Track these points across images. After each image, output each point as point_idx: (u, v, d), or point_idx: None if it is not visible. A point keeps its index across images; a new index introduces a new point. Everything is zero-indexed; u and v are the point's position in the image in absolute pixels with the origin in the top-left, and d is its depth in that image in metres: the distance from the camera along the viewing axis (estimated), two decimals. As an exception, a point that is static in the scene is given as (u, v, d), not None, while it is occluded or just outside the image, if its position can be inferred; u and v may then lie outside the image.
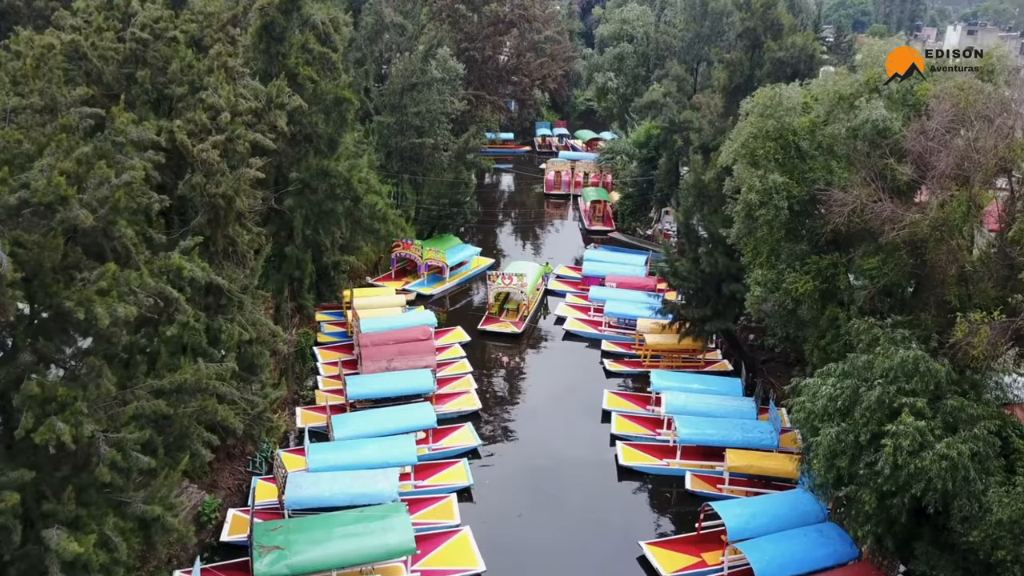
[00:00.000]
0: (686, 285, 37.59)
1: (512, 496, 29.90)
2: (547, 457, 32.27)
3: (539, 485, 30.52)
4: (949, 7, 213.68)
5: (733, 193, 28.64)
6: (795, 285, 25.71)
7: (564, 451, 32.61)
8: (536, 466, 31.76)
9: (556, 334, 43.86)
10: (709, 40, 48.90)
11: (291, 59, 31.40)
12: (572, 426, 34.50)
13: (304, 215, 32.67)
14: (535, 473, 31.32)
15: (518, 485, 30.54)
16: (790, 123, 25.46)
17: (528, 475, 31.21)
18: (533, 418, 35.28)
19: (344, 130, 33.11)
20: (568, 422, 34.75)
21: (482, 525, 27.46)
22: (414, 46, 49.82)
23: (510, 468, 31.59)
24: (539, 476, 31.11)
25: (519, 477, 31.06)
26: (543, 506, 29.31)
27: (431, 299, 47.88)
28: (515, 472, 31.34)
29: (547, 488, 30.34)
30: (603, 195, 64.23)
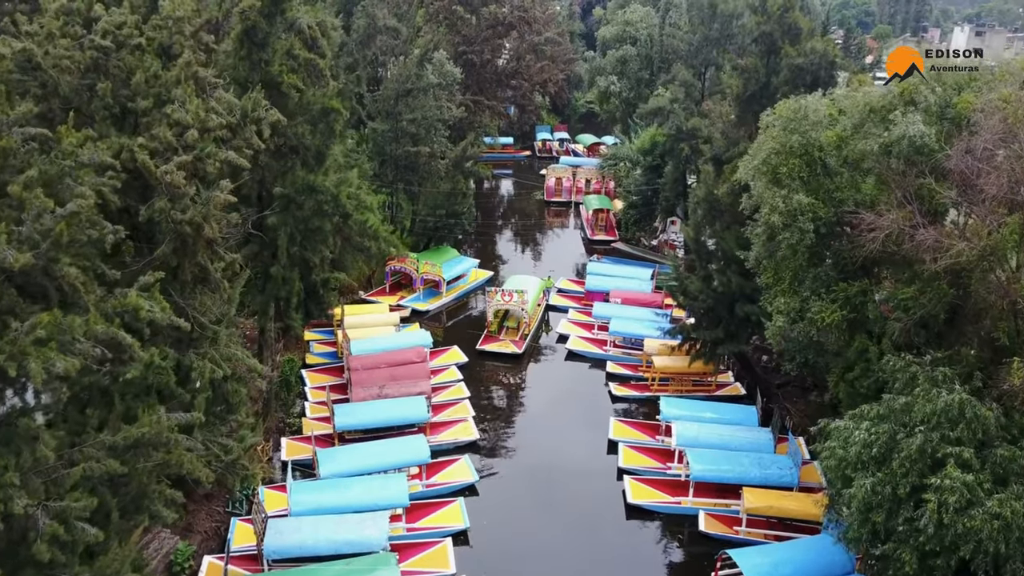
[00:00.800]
0: (696, 305, 35.40)
1: (511, 540, 27.75)
2: (550, 494, 30.09)
3: (541, 526, 28.34)
4: (952, 7, 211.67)
5: (752, 212, 26.47)
6: (821, 315, 23.51)
7: (568, 487, 30.42)
8: (538, 504, 29.59)
9: (558, 354, 41.66)
10: (718, 43, 46.69)
11: (275, 66, 29.14)
12: (576, 458, 32.30)
13: (289, 233, 30.41)
14: (536, 513, 29.15)
15: (518, 527, 28.37)
16: (816, 138, 23.26)
17: (529, 515, 29.05)
18: (534, 449, 33.09)
19: (332, 142, 30.87)
20: (572, 454, 32.55)
21: (480, 573, 25.30)
22: (409, 50, 47.61)
23: (509, 507, 29.42)
24: (541, 516, 28.94)
25: (519, 518, 28.90)
26: (545, 550, 27.11)
27: (427, 315, 45.70)
28: (515, 512, 29.19)
29: (550, 530, 28.15)
30: (606, 203, 62.06)
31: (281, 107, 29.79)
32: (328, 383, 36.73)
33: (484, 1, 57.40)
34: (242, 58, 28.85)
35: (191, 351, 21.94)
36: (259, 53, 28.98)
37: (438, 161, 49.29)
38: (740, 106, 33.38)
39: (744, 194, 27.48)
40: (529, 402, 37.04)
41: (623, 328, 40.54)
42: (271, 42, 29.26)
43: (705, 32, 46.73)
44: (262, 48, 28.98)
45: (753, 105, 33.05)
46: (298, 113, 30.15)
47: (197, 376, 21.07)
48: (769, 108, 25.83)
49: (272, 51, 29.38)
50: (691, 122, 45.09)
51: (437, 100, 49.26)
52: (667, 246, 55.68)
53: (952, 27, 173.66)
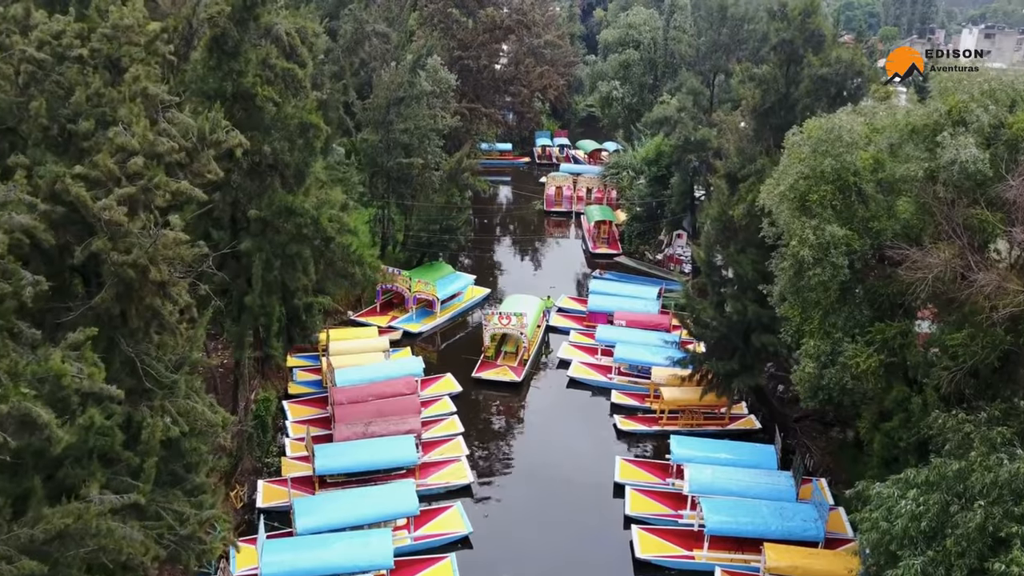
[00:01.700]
0: (708, 334, 32.77)
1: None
2: (550, 546, 27.43)
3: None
4: (955, 8, 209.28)
5: (775, 241, 23.86)
6: (855, 359, 20.88)
7: (570, 538, 27.79)
8: (536, 556, 26.92)
9: (559, 381, 38.96)
10: (728, 49, 44.13)
11: (248, 77, 26.52)
12: (580, 505, 29.66)
13: (265, 259, 27.78)
14: (535, 567, 26.49)
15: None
16: (851, 162, 20.61)
17: (528, 572, 26.38)
18: (534, 494, 30.43)
19: (312, 159, 28.24)
20: (575, 500, 29.88)
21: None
22: (401, 56, 44.97)
23: (505, 562, 26.78)
24: (541, 573, 26.29)
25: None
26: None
27: (420, 337, 43.06)
28: (511, 569, 26.52)
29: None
30: (608, 214, 59.37)
31: (255, 122, 27.32)
32: (311, 415, 34.14)
33: (481, 4, 54.72)
34: (211, 69, 26.23)
35: (144, 404, 19.36)
36: (230, 63, 26.36)
37: (432, 172, 46.67)
38: (757, 119, 30.72)
39: (765, 219, 24.84)
40: (528, 438, 34.35)
41: (628, 355, 37.87)
42: (243, 51, 26.64)
43: (714, 37, 44.14)
44: (233, 58, 26.36)
45: (771, 118, 30.44)
46: (274, 128, 27.56)
47: (148, 437, 18.42)
48: (795, 126, 23.19)
49: (245, 61, 26.75)
50: (700, 132, 42.54)
51: (431, 108, 46.68)
52: (673, 261, 53.00)
53: (958, 28, 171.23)
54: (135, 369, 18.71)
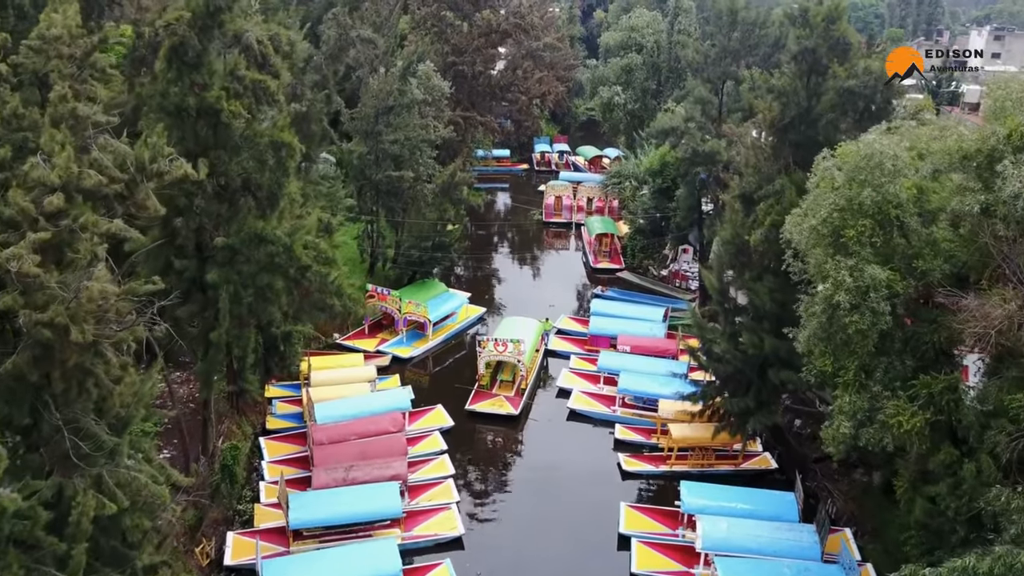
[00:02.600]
0: (721, 368, 30.11)
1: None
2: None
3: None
4: (958, 8, 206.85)
5: (799, 277, 21.20)
6: (897, 418, 18.23)
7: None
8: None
9: (559, 412, 36.23)
10: (738, 55, 41.42)
11: (213, 91, 23.86)
12: (582, 560, 26.99)
13: (233, 291, 25.09)
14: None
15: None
16: (895, 193, 17.93)
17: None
18: (532, 547, 27.71)
19: (285, 180, 25.56)
20: (577, 555, 27.20)
21: None
22: (390, 62, 42.30)
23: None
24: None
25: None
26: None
27: (411, 362, 40.37)
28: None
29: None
30: (610, 227, 56.66)
31: (222, 140, 24.68)
32: (290, 453, 31.47)
33: (477, 6, 51.99)
34: (170, 81, 23.55)
35: (77, 475, 16.73)
36: (192, 75, 23.69)
37: (424, 185, 43.98)
38: (775, 134, 28.04)
39: (788, 249, 22.18)
40: (526, 481, 31.58)
41: (633, 386, 35.17)
42: (208, 62, 23.97)
43: (723, 42, 41.39)
44: (196, 69, 23.72)
45: (791, 134, 27.74)
46: (243, 147, 24.89)
47: (77, 517, 15.78)
48: (826, 150, 20.52)
49: (209, 72, 24.10)
50: (709, 144, 39.82)
51: (424, 117, 44.01)
52: (678, 277, 50.34)
53: (963, 29, 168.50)
54: (62, 438, 16.06)
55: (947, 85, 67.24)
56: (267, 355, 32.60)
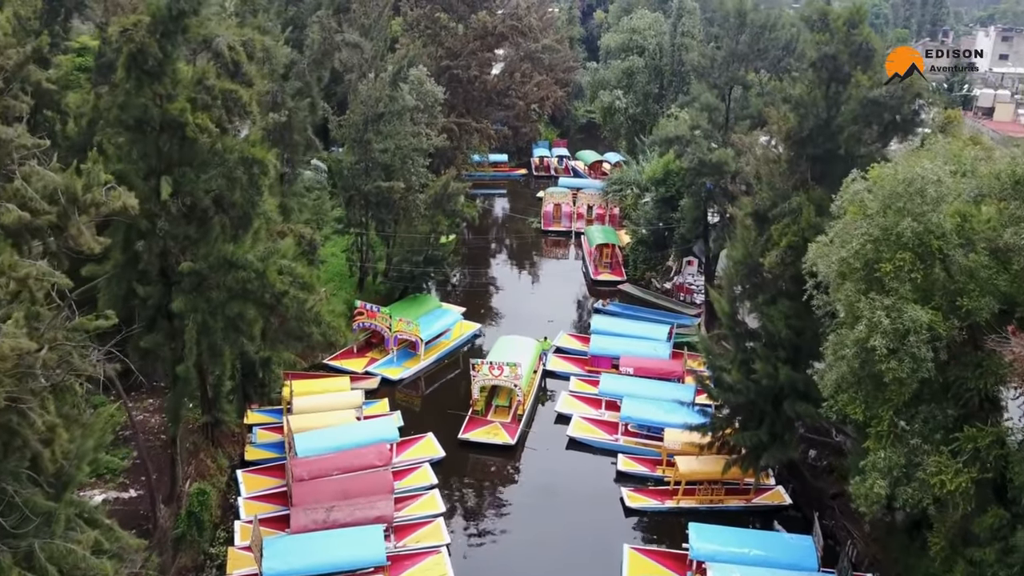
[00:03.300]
0: (732, 398, 27.98)
1: None
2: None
3: None
4: (961, 9, 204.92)
5: (825, 315, 19.08)
6: (940, 477, 16.10)
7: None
8: None
9: (557, 440, 34.04)
10: (746, 59, 39.27)
11: (177, 102, 21.74)
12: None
13: (201, 322, 22.97)
14: None
15: None
16: (938, 223, 15.80)
17: None
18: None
19: (258, 199, 23.41)
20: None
21: None
22: (380, 66, 40.15)
23: None
24: None
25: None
26: None
27: (401, 384, 38.23)
28: None
29: None
30: (611, 237, 54.48)
31: (188, 156, 22.56)
32: (270, 487, 29.35)
33: (472, 8, 49.80)
34: (129, 92, 21.42)
35: (3, 550, 14.60)
36: (154, 86, 21.55)
37: (416, 196, 41.81)
38: (792, 147, 25.90)
39: (810, 278, 20.07)
40: (522, 519, 29.41)
41: (637, 413, 33.03)
42: (171, 70, 21.84)
43: (731, 45, 39.24)
44: (157, 78, 21.56)
45: (808, 147, 25.61)
46: (212, 163, 22.76)
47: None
48: (856, 171, 18.38)
49: (173, 82, 21.98)
50: (716, 154, 37.66)
51: (416, 124, 41.86)
52: (682, 290, 48.19)
53: (967, 30, 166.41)
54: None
55: (959, 89, 65.16)
56: (245, 381, 30.58)
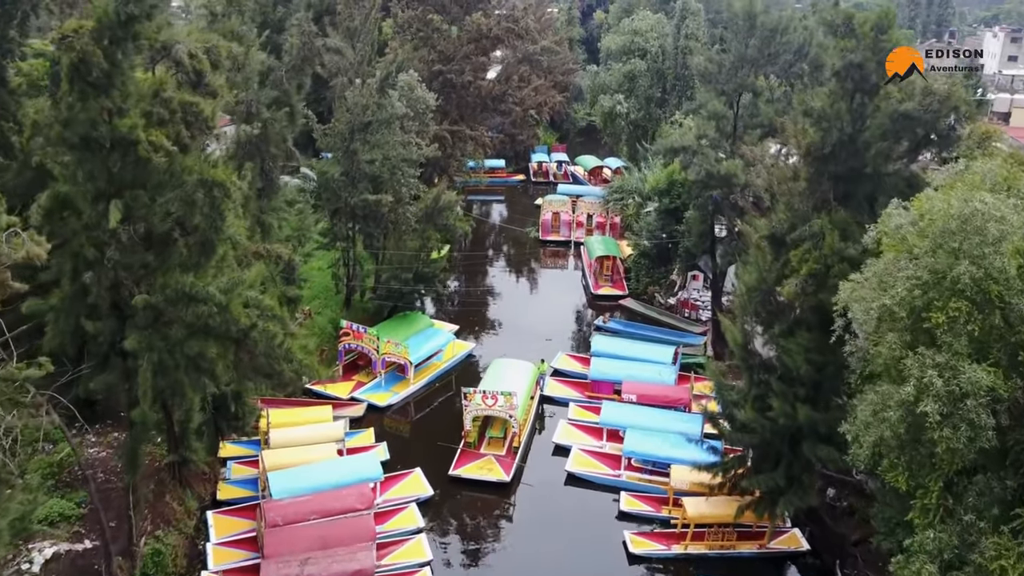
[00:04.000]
0: (746, 438, 25.63)
1: None
2: None
3: None
4: (965, 9, 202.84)
5: (855, 366, 16.76)
6: (999, 563, 13.76)
7: None
8: None
9: (555, 475, 31.62)
10: (756, 64, 36.92)
11: (128, 118, 19.39)
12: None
13: (157, 361, 20.60)
14: None
15: None
16: (1002, 267, 13.45)
17: None
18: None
19: (222, 224, 21.04)
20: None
21: None
22: (367, 71, 37.81)
23: None
24: None
25: None
26: None
27: (389, 410, 35.89)
28: None
29: None
30: (612, 248, 52.12)
31: (141, 178, 20.22)
32: (243, 530, 26.98)
33: (467, 10, 47.38)
34: (72, 107, 19.06)
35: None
36: (101, 99, 19.18)
37: (406, 208, 39.44)
38: (812, 165, 23.54)
39: (839, 317, 17.75)
40: (516, 567, 27.07)
41: (641, 447, 30.67)
42: (120, 82, 19.49)
43: (740, 50, 36.88)
44: (104, 92, 19.20)
45: (831, 164, 23.25)
46: (168, 186, 20.41)
47: None
48: (896, 201, 16.05)
49: (123, 95, 19.62)
50: (724, 165, 35.30)
51: (406, 133, 39.49)
52: (687, 306, 45.84)
53: (971, 30, 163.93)
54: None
55: (972, 93, 62.70)
56: (217, 415, 28.31)
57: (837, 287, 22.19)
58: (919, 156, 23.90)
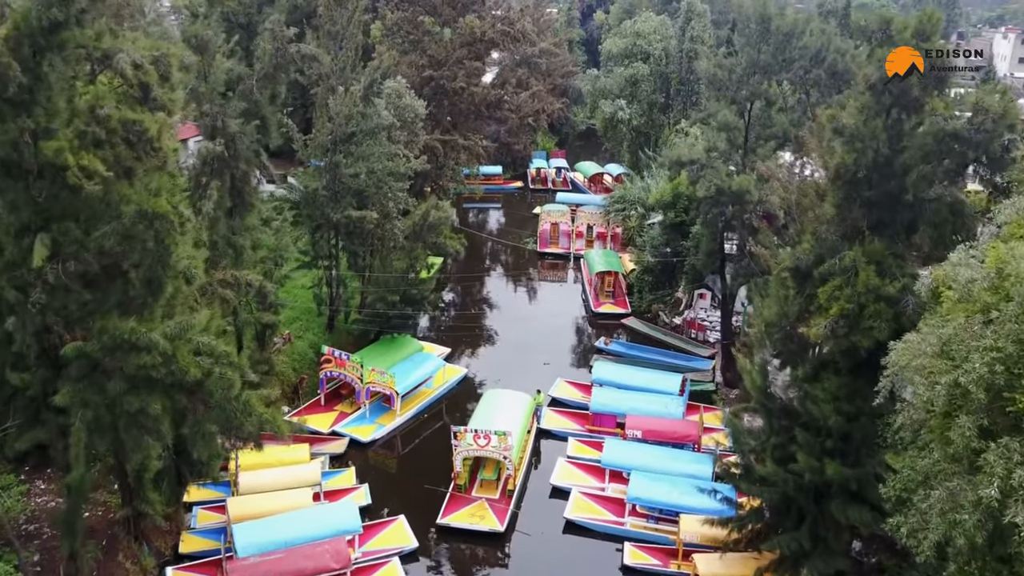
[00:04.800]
0: (766, 493, 22.90)
1: None
2: None
3: None
4: (968, 9, 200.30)
5: (914, 430, 14.06)
6: None
7: None
8: None
9: (553, 521, 28.87)
10: (770, 71, 34.21)
11: (55, 140, 16.69)
12: None
13: (92, 419, 17.89)
14: None
15: None
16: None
17: None
18: None
19: (169, 259, 18.33)
20: None
21: None
22: (350, 78, 35.09)
23: None
24: None
25: None
26: None
27: (374, 445, 33.19)
28: None
29: None
30: (613, 263, 49.40)
31: (70, 209, 17.51)
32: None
33: (460, 11, 44.62)
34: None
35: None
36: (21, 119, 16.46)
37: (393, 224, 36.70)
38: (842, 188, 20.81)
39: (885, 379, 15.04)
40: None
41: (647, 493, 27.93)
42: (45, 98, 16.77)
43: (752, 56, 34.14)
44: (26, 110, 16.48)
45: (864, 189, 20.53)
46: (104, 217, 17.70)
47: None
48: (961, 247, 13.33)
49: (49, 114, 16.91)
50: (737, 181, 32.59)
51: (395, 143, 36.75)
52: (694, 327, 43.19)
53: (975, 31, 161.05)
54: None
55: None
56: (179, 460, 25.52)
57: (872, 329, 19.81)
58: (962, 178, 21.18)
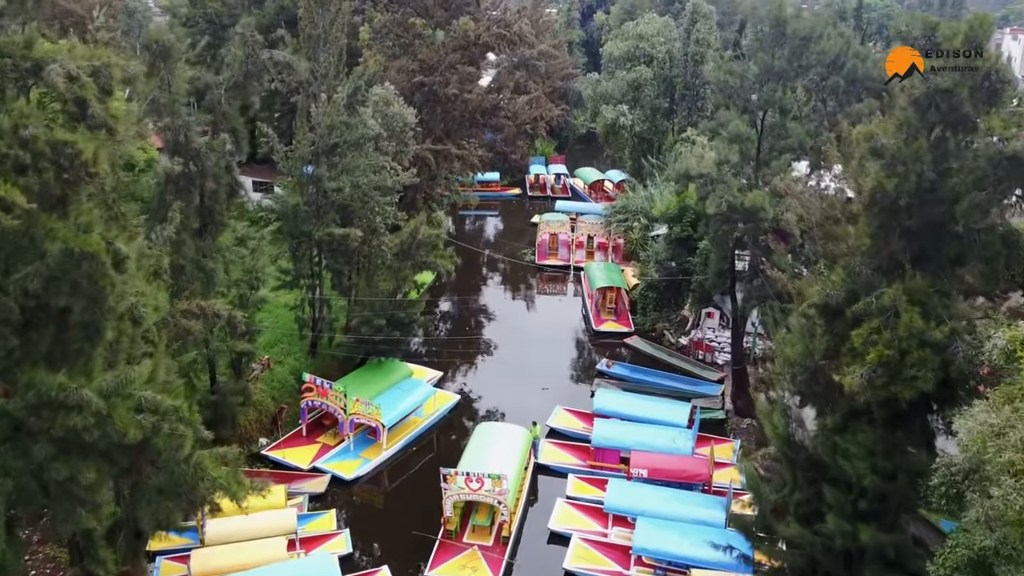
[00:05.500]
0: (791, 556, 20.43)
1: None
2: None
3: None
4: (973, 9, 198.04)
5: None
6: None
7: None
8: None
9: (551, 571, 26.37)
10: (785, 77, 31.72)
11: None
12: None
13: (14, 488, 15.39)
14: None
15: None
16: None
17: None
18: None
19: (105, 304, 15.87)
20: None
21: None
22: (333, 85, 32.61)
23: None
24: None
25: None
26: None
27: (357, 483, 30.71)
28: None
29: None
30: (615, 277, 46.87)
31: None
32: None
33: (453, 12, 42.12)
34: None
35: None
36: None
37: (380, 241, 34.25)
38: (879, 216, 18.32)
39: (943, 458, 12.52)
40: None
41: (654, 543, 25.40)
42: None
43: (766, 61, 31.63)
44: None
45: (902, 218, 18.05)
46: (26, 257, 15.20)
47: None
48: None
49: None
50: (750, 197, 30.09)
51: (383, 154, 34.29)
52: (701, 348, 40.71)
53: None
54: None
55: (1008, 102, 57.57)
56: (135, 510, 22.98)
57: (916, 379, 17.37)
58: (1010, 208, 18.69)
